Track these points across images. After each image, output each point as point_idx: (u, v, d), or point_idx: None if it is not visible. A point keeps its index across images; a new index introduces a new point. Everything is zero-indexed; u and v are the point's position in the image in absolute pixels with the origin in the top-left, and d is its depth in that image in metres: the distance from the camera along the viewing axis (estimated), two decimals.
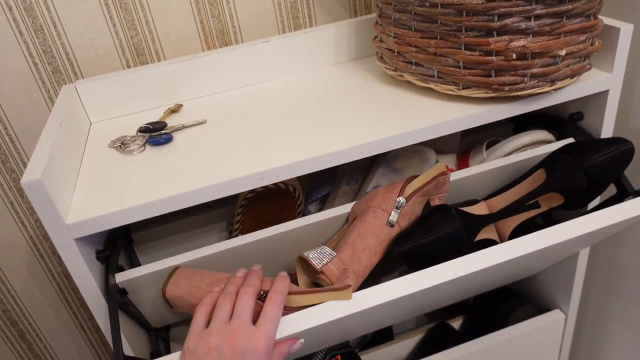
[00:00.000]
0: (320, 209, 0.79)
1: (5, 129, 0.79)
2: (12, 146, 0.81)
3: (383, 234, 0.59)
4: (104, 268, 0.60)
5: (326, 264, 0.55)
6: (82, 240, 0.55)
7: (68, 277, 0.96)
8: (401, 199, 0.59)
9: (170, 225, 0.80)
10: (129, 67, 0.81)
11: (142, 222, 0.70)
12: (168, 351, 0.79)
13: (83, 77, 0.79)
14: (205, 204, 0.62)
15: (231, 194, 0.56)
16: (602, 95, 0.68)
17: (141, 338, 0.67)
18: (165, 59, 0.82)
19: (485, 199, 0.71)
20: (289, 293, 0.52)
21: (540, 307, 0.93)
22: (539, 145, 0.75)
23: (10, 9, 0.72)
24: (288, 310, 0.52)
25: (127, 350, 0.61)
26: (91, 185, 0.58)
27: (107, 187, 0.58)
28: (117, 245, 0.64)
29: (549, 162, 0.65)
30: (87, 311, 1.02)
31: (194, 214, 0.81)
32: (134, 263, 0.78)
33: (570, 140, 0.72)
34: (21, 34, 0.74)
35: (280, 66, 0.79)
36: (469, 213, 0.60)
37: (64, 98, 0.69)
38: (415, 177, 0.62)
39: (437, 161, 0.75)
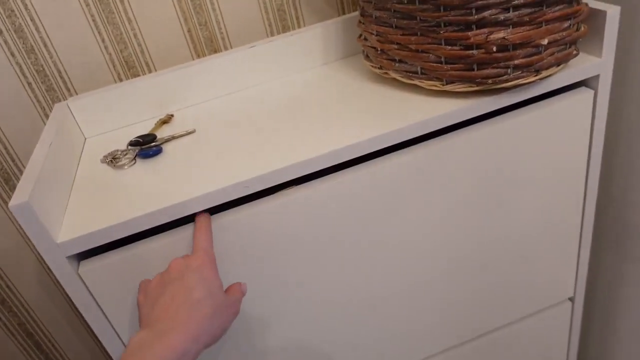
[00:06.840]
0: None
1: (6, 148, 0.81)
2: (14, 165, 0.83)
3: None
4: None
5: None
6: (75, 257, 0.56)
7: None
8: None
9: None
10: (120, 80, 0.82)
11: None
12: None
13: (77, 93, 0.81)
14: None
15: (216, 204, 0.56)
16: (593, 80, 0.66)
17: None
18: (156, 70, 0.83)
19: None
20: None
21: None
22: None
23: (0, 32, 0.73)
24: None
25: None
26: (83, 202, 0.59)
27: (97, 204, 0.58)
28: None
29: None
30: None
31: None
32: None
33: None
34: (13, 55, 0.75)
35: (268, 70, 0.79)
36: None
37: (56, 116, 0.70)
38: None
39: None
